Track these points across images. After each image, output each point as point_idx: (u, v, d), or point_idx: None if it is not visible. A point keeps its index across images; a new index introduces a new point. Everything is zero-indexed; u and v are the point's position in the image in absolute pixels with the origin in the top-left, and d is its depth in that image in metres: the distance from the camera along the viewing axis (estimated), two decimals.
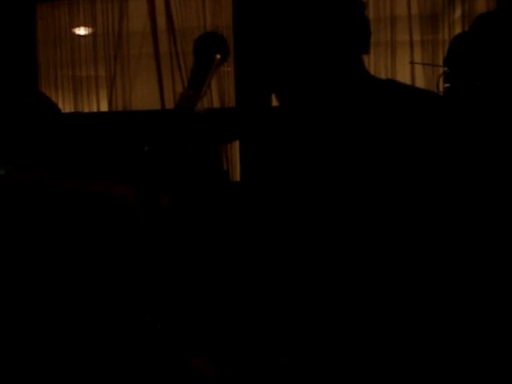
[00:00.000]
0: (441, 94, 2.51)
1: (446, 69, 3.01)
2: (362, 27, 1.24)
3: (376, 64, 4.69)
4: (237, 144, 4.54)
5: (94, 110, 5.31)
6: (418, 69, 4.54)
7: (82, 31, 5.34)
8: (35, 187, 1.30)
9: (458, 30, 4.64)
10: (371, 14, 4.54)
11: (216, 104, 4.86)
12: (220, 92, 4.90)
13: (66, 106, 5.18)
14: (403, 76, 4.54)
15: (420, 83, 4.47)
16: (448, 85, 2.92)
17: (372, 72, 1.30)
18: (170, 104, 5.03)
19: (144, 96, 5.19)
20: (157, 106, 5.08)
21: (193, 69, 1.52)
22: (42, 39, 5.30)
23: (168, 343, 1.38)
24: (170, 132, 1.37)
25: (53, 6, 5.24)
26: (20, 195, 1.29)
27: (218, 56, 1.52)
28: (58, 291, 1.29)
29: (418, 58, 4.67)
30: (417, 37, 4.75)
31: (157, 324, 1.35)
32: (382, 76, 4.35)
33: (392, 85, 1.27)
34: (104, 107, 5.27)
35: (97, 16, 5.18)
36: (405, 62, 4.64)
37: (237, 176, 4.63)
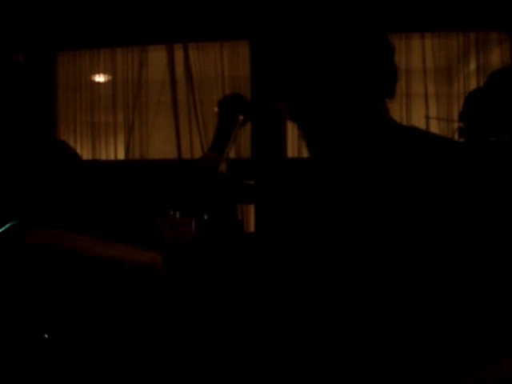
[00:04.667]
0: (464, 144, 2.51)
1: (461, 124, 3.04)
2: (390, 72, 1.25)
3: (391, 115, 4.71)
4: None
5: (112, 157, 5.37)
6: (433, 122, 4.57)
7: (101, 79, 5.44)
8: (55, 251, 1.27)
9: (472, 82, 4.69)
10: None
11: (232, 154, 4.87)
12: (236, 143, 4.95)
13: (84, 153, 5.25)
14: None
15: None
16: (463, 139, 2.94)
17: None
18: (186, 153, 5.07)
19: (161, 144, 5.24)
20: (174, 155, 5.13)
21: (216, 131, 1.54)
22: (61, 85, 5.39)
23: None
24: (193, 193, 1.39)
25: (74, 54, 5.35)
26: (39, 258, 1.26)
27: (241, 117, 1.55)
28: (80, 358, 1.28)
29: (432, 110, 4.71)
30: (431, 89, 4.80)
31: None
32: None
33: (414, 132, 1.26)
34: (121, 154, 5.32)
35: (117, 64, 5.29)
36: (419, 114, 4.68)
37: (251, 227, 4.63)
